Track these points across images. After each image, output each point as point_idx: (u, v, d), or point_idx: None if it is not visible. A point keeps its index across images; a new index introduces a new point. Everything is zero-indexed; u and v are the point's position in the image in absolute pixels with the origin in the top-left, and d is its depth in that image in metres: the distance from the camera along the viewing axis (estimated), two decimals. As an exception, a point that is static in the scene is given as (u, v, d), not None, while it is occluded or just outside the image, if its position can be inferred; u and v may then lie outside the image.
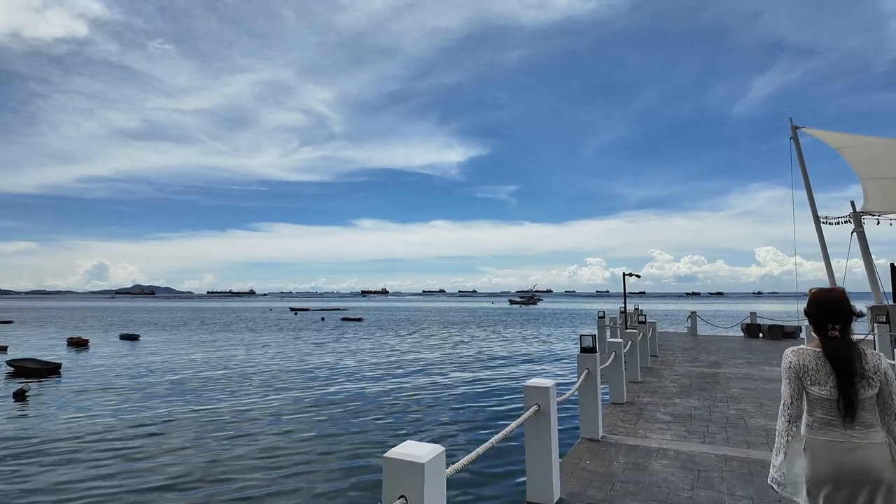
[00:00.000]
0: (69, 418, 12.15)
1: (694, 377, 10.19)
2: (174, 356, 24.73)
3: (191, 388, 15.64)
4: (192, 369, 19.93)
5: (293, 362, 21.53)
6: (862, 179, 13.92)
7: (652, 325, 13.43)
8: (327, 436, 10.29)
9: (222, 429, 10.96)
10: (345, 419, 11.66)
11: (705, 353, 14.22)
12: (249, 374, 18.22)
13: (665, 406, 7.57)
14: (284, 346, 28.67)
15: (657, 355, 13.54)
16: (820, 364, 2.29)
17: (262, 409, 12.82)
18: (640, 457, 5.21)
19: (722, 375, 10.37)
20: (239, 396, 14.33)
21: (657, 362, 12.38)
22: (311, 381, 16.51)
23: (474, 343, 29.85)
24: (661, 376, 10.29)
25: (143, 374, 18.61)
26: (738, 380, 9.81)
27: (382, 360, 21.84)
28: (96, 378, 18.06)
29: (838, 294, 2.39)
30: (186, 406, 13.20)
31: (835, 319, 2.31)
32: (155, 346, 29.76)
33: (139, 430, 10.95)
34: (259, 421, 11.66)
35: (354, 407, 12.84)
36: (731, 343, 17.27)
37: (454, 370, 18.39)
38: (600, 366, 6.96)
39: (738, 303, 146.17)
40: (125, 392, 15.32)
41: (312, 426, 11.06)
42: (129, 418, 12.03)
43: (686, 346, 16.38)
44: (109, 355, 25.41)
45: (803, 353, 2.36)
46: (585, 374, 5.90)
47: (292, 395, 14.50)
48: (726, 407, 7.48)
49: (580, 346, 6.04)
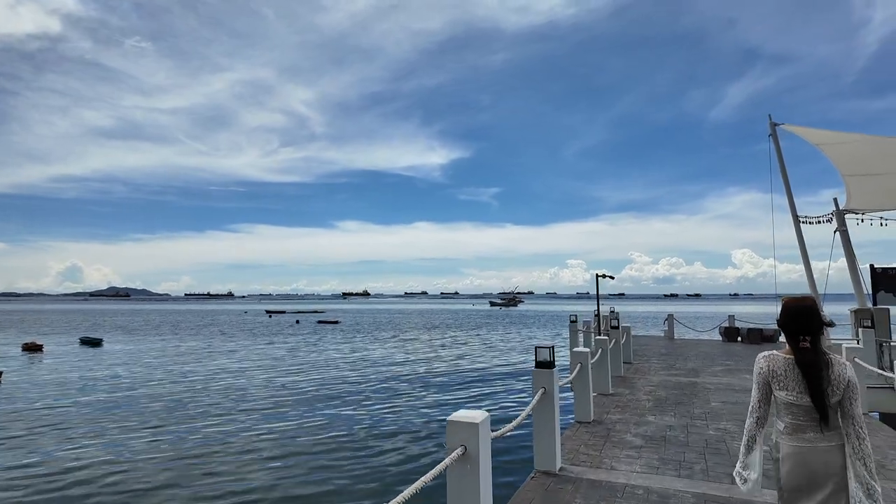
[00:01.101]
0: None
1: (670, 388, 9.35)
2: (131, 363, 23.25)
3: (130, 412, 14.25)
4: (145, 381, 18.56)
5: (256, 375, 20.30)
6: (844, 177, 13.29)
7: (626, 329, 12.60)
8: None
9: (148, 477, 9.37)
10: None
11: (682, 360, 13.46)
12: (203, 390, 16.90)
13: (637, 425, 6.67)
14: (251, 353, 27.26)
15: (631, 362, 12.72)
16: (789, 371, 2.44)
17: (203, 449, 10.15)
18: (602, 497, 4.27)
19: (700, 386, 9.54)
20: (180, 425, 12.15)
21: (631, 370, 11.54)
22: (268, 404, 15.15)
23: (441, 350, 28.89)
24: (634, 387, 9.43)
25: (88, 387, 17.15)
26: (718, 391, 8.99)
27: (338, 375, 20.74)
28: (33, 391, 16.61)
29: (810, 304, 2.49)
30: (104, 444, 10.98)
31: (806, 331, 2.43)
32: (116, 352, 28.17)
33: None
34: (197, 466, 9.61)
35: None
36: (709, 348, 16.59)
37: (408, 389, 17.35)
38: (564, 381, 6.04)
39: (715, 304, 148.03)
40: (52, 416, 13.83)
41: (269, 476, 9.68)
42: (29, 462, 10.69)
43: (663, 351, 15.63)
44: (61, 362, 23.82)
45: (773, 359, 2.51)
46: (541, 393, 4.95)
47: (244, 424, 11.98)
48: (705, 426, 6.61)
49: (535, 360, 5.10)
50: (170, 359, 24.71)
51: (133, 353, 27.29)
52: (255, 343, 33.27)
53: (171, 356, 25.82)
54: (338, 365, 22.16)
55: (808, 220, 15.26)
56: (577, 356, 6.95)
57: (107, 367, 22.13)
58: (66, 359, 25.51)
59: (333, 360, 23.87)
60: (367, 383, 17.18)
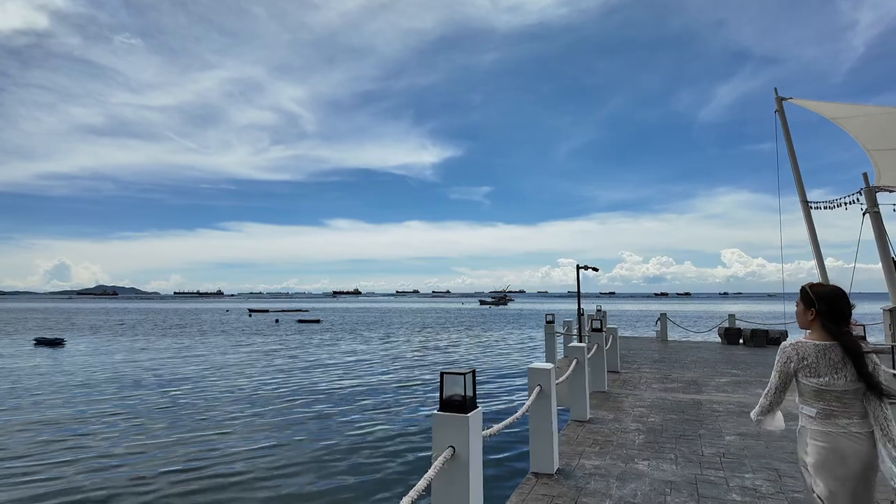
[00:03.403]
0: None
1: (667, 410, 7.22)
2: (83, 368, 20.83)
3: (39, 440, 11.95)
4: (81, 385, 16.17)
5: (211, 385, 17.98)
6: (870, 152, 11.25)
7: (612, 332, 10.46)
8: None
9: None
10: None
11: (679, 368, 11.37)
12: (153, 403, 14.49)
13: (621, 480, 4.50)
14: (216, 357, 24.46)
15: (618, 371, 10.59)
16: (820, 357, 2.35)
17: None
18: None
19: (706, 407, 7.42)
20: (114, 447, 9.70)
21: (618, 382, 9.41)
22: (222, 422, 12.71)
23: (419, 351, 26.71)
24: (619, 409, 7.28)
25: (13, 397, 14.66)
26: (730, 416, 6.86)
27: (296, 383, 18.51)
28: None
29: (841, 289, 2.44)
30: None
31: (847, 316, 2.39)
32: (72, 354, 25.72)
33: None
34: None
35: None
36: (707, 352, 14.52)
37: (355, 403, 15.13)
38: (505, 421, 3.89)
39: (705, 303, 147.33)
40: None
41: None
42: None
43: (655, 356, 13.54)
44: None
45: (803, 346, 2.41)
46: (447, 457, 2.78)
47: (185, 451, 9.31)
48: (723, 482, 4.47)
49: (439, 401, 2.91)
50: (121, 362, 22.23)
51: (88, 356, 24.79)
52: (226, 343, 30.75)
53: (124, 360, 23.31)
54: (305, 367, 19.88)
55: (820, 205, 13.24)
56: (536, 376, 4.79)
57: (46, 370, 19.78)
58: (16, 358, 23.24)
59: (304, 361, 21.60)
60: (331, 388, 14.96)
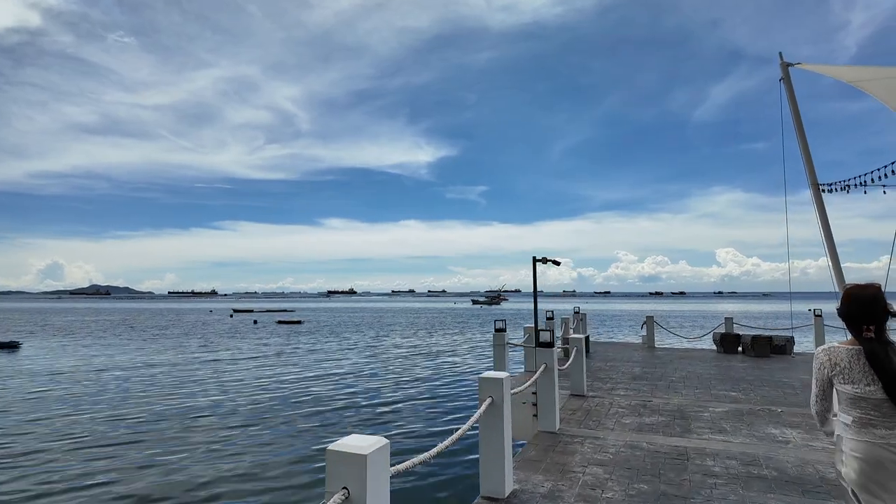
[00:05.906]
0: None
1: (635, 473, 4.77)
2: (20, 372, 18.34)
3: None
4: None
5: (143, 404, 15.49)
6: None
7: (577, 342, 8.01)
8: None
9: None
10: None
11: (664, 388, 8.95)
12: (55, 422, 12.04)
13: None
14: (170, 365, 21.75)
15: (584, 395, 8.16)
16: (854, 362, 2.23)
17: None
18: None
19: (694, 464, 4.96)
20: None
21: (578, 414, 6.98)
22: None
23: (394, 360, 24.25)
24: (564, 471, 4.81)
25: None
26: (732, 482, 4.43)
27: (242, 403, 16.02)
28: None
29: (873, 292, 2.28)
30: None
31: (869, 319, 2.23)
32: (20, 358, 23.22)
33: None
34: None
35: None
36: (700, 364, 12.10)
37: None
38: None
39: (700, 302, 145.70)
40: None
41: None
42: None
43: (637, 369, 11.12)
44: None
45: (835, 352, 2.31)
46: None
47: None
48: None
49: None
50: (73, 370, 19.63)
51: (40, 361, 22.23)
52: (206, 347, 28.01)
53: (78, 367, 20.69)
54: (233, 379, 17.34)
55: (832, 187, 10.86)
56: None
57: (20, 379, 17.43)
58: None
59: (240, 371, 19.07)
60: (237, 405, 12.51)
